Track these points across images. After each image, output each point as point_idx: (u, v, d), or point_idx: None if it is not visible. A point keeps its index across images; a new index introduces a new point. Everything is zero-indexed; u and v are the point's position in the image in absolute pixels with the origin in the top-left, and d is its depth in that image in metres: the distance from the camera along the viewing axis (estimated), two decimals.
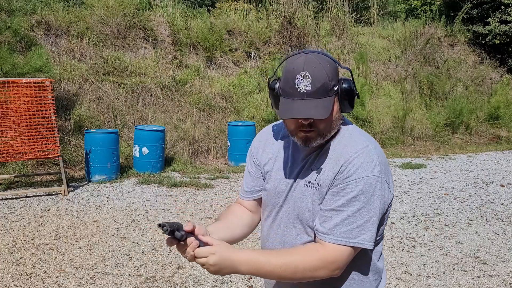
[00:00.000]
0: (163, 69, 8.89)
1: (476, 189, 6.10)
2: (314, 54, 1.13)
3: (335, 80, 1.13)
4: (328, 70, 1.11)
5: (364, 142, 1.18)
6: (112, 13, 8.96)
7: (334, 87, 1.12)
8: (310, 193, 1.20)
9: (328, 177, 1.17)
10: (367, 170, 1.12)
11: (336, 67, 1.15)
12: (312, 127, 1.14)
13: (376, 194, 1.13)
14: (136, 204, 5.19)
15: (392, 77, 11.03)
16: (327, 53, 1.17)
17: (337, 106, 1.16)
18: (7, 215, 4.75)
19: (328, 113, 1.09)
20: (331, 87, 1.11)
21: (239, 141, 7.19)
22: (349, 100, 1.16)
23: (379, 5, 14.43)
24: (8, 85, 5.28)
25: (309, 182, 1.20)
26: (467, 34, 12.81)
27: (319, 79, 1.09)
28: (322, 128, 1.14)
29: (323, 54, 1.15)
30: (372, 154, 1.15)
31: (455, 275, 3.51)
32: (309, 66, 1.10)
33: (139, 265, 3.60)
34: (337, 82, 1.14)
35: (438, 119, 10.01)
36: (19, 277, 3.36)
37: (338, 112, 1.17)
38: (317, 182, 1.18)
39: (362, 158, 1.14)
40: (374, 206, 1.12)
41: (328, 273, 1.11)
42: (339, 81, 1.15)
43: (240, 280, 3.36)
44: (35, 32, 8.26)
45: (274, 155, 1.32)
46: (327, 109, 1.09)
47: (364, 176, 1.12)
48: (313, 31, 11.00)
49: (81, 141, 6.87)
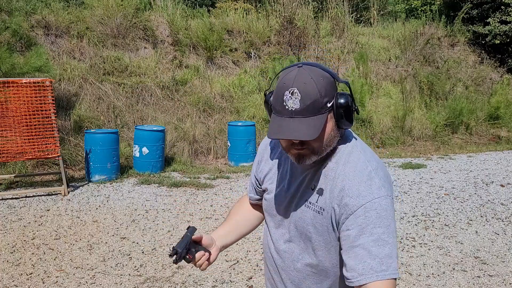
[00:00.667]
0: (163, 69, 8.89)
1: (476, 189, 6.10)
2: (308, 68, 1.06)
3: (329, 96, 1.06)
4: (321, 86, 1.04)
5: (364, 163, 1.12)
6: (112, 13, 8.96)
7: (327, 104, 1.05)
8: (311, 215, 1.17)
9: (330, 202, 1.13)
10: (373, 193, 1.07)
11: (332, 82, 1.08)
12: (304, 145, 1.09)
13: (390, 217, 1.07)
14: (136, 204, 5.19)
15: (392, 77, 11.03)
16: (324, 66, 1.10)
17: (332, 122, 1.09)
18: (7, 215, 4.75)
19: (317, 133, 1.02)
20: (323, 104, 1.04)
21: (239, 141, 7.19)
22: (347, 116, 1.08)
23: (379, 5, 14.43)
24: (8, 85, 5.28)
25: (310, 203, 1.17)
26: (467, 34, 12.82)
27: (309, 96, 1.02)
28: (315, 146, 1.09)
29: (319, 67, 1.08)
30: (373, 176, 1.09)
31: (455, 275, 3.51)
32: (299, 82, 1.03)
33: (139, 265, 3.60)
34: (331, 98, 1.06)
35: (438, 119, 10.01)
36: (19, 277, 3.36)
37: (333, 129, 1.10)
38: (320, 206, 1.15)
39: (364, 183, 1.08)
40: (391, 230, 1.06)
41: None
42: (334, 96, 1.07)
43: (240, 280, 3.37)
44: (35, 32, 8.27)
45: (275, 165, 1.30)
46: (316, 129, 1.03)
47: (372, 200, 1.06)
48: (313, 31, 11.00)
49: (81, 141, 6.88)
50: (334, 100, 1.07)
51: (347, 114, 1.08)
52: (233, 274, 3.47)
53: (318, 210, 1.15)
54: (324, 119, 1.05)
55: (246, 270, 3.55)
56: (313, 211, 1.16)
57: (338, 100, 1.07)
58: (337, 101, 1.07)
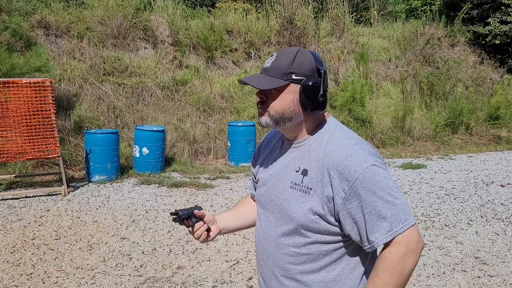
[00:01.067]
0: (163, 69, 8.89)
1: (476, 189, 6.10)
2: (304, 50, 1.20)
3: (299, 71, 1.16)
4: (297, 60, 1.16)
5: (345, 140, 1.18)
6: (112, 13, 8.96)
7: (292, 75, 1.16)
8: (297, 195, 1.20)
9: (318, 180, 1.17)
10: (361, 165, 1.12)
11: (312, 65, 1.17)
12: (264, 105, 1.21)
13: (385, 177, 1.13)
14: (136, 204, 5.19)
15: (392, 77, 11.03)
16: (319, 57, 1.21)
17: (293, 96, 1.17)
18: (7, 215, 4.75)
19: (265, 87, 1.15)
20: (287, 73, 1.15)
21: (239, 141, 7.19)
22: (308, 98, 1.16)
23: (379, 5, 14.43)
24: (8, 85, 5.28)
25: (295, 184, 1.21)
26: (467, 34, 12.82)
27: (279, 62, 1.17)
28: (272, 109, 1.19)
29: (314, 54, 1.20)
30: (356, 149, 1.15)
31: (455, 275, 3.51)
32: (283, 50, 1.19)
33: (139, 265, 3.60)
34: (301, 75, 1.16)
35: (438, 119, 10.01)
36: (19, 277, 3.36)
37: (294, 103, 1.18)
38: (305, 185, 1.19)
39: (350, 157, 1.13)
40: (389, 187, 1.12)
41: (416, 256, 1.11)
42: (307, 76, 1.17)
43: (240, 281, 3.36)
44: (35, 32, 8.27)
45: (267, 157, 1.38)
46: (267, 84, 1.15)
47: (362, 171, 1.11)
48: (313, 31, 11.00)
49: (81, 141, 6.88)
50: (303, 78, 1.16)
51: (309, 96, 1.16)
52: (233, 274, 3.47)
53: (304, 189, 1.19)
54: (281, 83, 1.16)
55: (246, 270, 3.55)
56: (299, 191, 1.20)
57: (306, 80, 1.16)
58: (306, 81, 1.16)
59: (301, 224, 1.20)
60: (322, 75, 1.19)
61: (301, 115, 1.20)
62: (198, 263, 3.66)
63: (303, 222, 1.19)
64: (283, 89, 1.18)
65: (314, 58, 1.19)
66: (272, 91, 1.19)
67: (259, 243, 1.36)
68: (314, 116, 1.23)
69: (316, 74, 1.18)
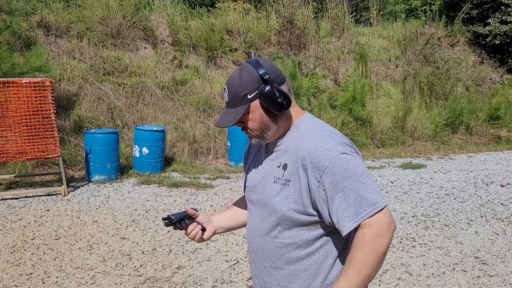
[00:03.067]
0: (163, 69, 8.89)
1: (476, 189, 6.10)
2: (243, 65, 1.28)
3: (250, 89, 1.24)
4: (243, 81, 1.24)
5: (317, 131, 1.26)
6: (112, 13, 8.96)
7: (248, 95, 1.24)
8: (279, 188, 1.27)
9: (295, 172, 1.24)
10: (331, 153, 1.17)
11: (256, 77, 1.24)
12: (246, 130, 1.31)
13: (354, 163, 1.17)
14: (136, 204, 5.19)
15: (392, 77, 11.03)
16: (262, 61, 1.27)
17: (260, 110, 1.26)
18: (7, 215, 4.75)
19: (233, 121, 1.24)
20: (242, 96, 1.24)
21: (239, 141, 7.19)
22: (269, 105, 1.24)
23: (379, 5, 14.43)
24: (8, 85, 5.28)
25: (278, 178, 1.29)
26: (467, 34, 12.82)
27: (231, 90, 1.26)
28: (253, 130, 1.29)
29: (252, 63, 1.26)
30: (326, 139, 1.21)
31: (455, 275, 3.51)
32: (229, 79, 1.29)
33: (139, 265, 3.60)
34: (253, 90, 1.24)
35: (438, 119, 10.01)
36: (19, 277, 3.36)
37: (263, 115, 1.26)
38: (285, 178, 1.27)
39: (320, 147, 1.20)
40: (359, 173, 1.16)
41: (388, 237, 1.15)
42: (258, 89, 1.24)
43: (240, 280, 3.36)
44: (35, 32, 8.26)
45: (255, 157, 1.46)
46: (234, 117, 1.25)
47: (332, 159, 1.16)
48: (313, 31, 10.99)
49: (81, 141, 6.88)
50: (256, 91, 1.24)
51: (270, 102, 1.23)
52: (233, 274, 3.47)
53: (284, 182, 1.27)
54: (244, 108, 1.25)
55: (246, 270, 3.54)
56: (280, 185, 1.28)
57: (263, 90, 1.23)
58: (262, 91, 1.23)
59: (283, 215, 1.26)
60: (267, 78, 1.24)
61: (276, 121, 1.29)
62: (198, 263, 3.66)
63: (285, 213, 1.26)
64: (248, 110, 1.27)
65: (255, 67, 1.26)
66: (244, 116, 1.28)
67: (250, 238, 1.43)
68: (287, 116, 1.32)
69: (262, 82, 1.25)
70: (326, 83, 10.03)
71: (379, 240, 1.14)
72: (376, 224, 1.14)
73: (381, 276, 3.47)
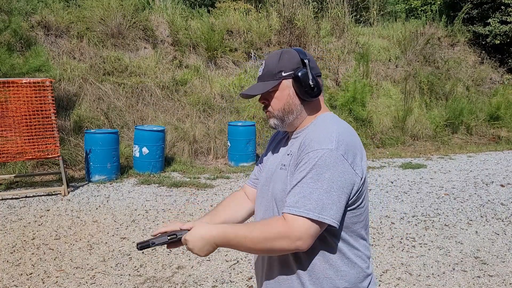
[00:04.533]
0: (163, 69, 8.89)
1: (476, 189, 6.10)
2: (287, 48, 1.33)
3: (286, 68, 1.27)
4: (283, 59, 1.28)
5: (332, 124, 1.25)
6: (112, 13, 8.96)
7: (282, 73, 1.27)
8: (283, 175, 1.28)
9: (295, 158, 1.25)
10: (321, 144, 1.17)
11: (297, 58, 1.28)
12: (267, 108, 1.32)
13: (327, 167, 1.15)
14: (136, 204, 5.19)
15: (392, 77, 11.03)
16: (302, 50, 1.32)
17: (289, 90, 1.28)
18: (7, 215, 4.75)
19: (260, 92, 1.27)
20: (276, 73, 1.27)
21: (239, 141, 7.19)
22: (301, 87, 1.26)
23: (379, 5, 14.43)
24: (8, 85, 5.28)
25: (284, 165, 1.30)
26: (467, 34, 12.81)
27: (267, 66, 1.30)
28: (274, 109, 1.30)
29: (297, 48, 1.32)
30: (331, 132, 1.20)
31: (455, 275, 3.51)
32: (269, 55, 1.32)
33: (139, 265, 3.60)
34: (289, 70, 1.26)
35: (438, 119, 10.01)
36: (19, 277, 3.36)
37: (291, 97, 1.28)
38: (289, 164, 1.29)
39: (319, 134, 1.21)
40: (323, 178, 1.14)
41: (290, 243, 1.13)
42: (294, 70, 1.26)
43: (240, 280, 3.37)
44: (35, 32, 8.26)
45: (274, 148, 1.47)
46: (261, 89, 1.28)
47: (317, 149, 1.17)
48: (313, 31, 10.99)
49: (81, 141, 6.87)
50: (291, 72, 1.27)
51: (300, 86, 1.26)
52: (233, 274, 3.47)
53: (287, 169, 1.29)
54: (274, 84, 1.27)
55: (246, 270, 3.55)
56: (285, 171, 1.29)
57: (294, 73, 1.26)
58: (295, 73, 1.26)
59: (278, 199, 1.28)
60: (307, 64, 1.27)
61: (301, 106, 1.30)
62: (198, 263, 3.66)
63: (277, 196, 1.28)
64: (277, 88, 1.28)
65: (298, 52, 1.29)
66: (271, 94, 1.29)
67: None
68: (312, 108, 1.32)
69: (302, 65, 1.27)
70: (326, 83, 10.03)
71: (280, 239, 1.13)
72: (290, 224, 1.13)
73: (381, 276, 3.47)
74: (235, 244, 1.16)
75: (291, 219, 1.13)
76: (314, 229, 1.13)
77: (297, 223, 1.13)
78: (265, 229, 1.15)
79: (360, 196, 1.24)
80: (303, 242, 1.13)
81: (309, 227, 1.13)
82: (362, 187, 1.24)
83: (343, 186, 1.16)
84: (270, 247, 1.14)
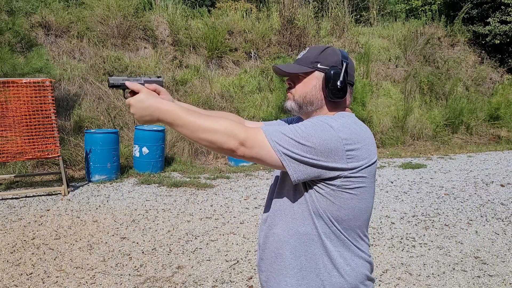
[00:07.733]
0: (163, 69, 8.89)
1: (476, 189, 6.10)
2: (334, 47, 1.37)
3: (324, 62, 1.29)
4: (325, 53, 1.30)
5: (347, 118, 1.23)
6: (112, 13, 8.96)
7: (318, 64, 1.29)
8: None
9: None
10: (324, 119, 1.20)
11: (338, 58, 1.30)
12: (291, 88, 1.34)
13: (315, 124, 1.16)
14: (136, 204, 5.19)
15: (392, 77, 11.03)
16: (346, 54, 1.34)
17: (316, 82, 1.30)
18: (7, 215, 4.75)
19: (291, 70, 1.30)
20: (313, 61, 1.30)
21: None
22: (329, 85, 1.27)
23: (379, 5, 14.43)
24: (8, 85, 5.28)
25: None
26: (467, 34, 12.82)
27: (309, 53, 1.32)
28: (295, 91, 1.32)
29: (343, 51, 1.35)
30: (340, 117, 1.21)
31: (455, 275, 3.51)
32: (314, 46, 1.40)
33: (139, 265, 3.60)
34: (326, 64, 1.29)
35: (438, 119, 10.01)
36: (19, 277, 3.36)
37: (316, 88, 1.30)
38: None
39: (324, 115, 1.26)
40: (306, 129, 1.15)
41: (233, 141, 1.13)
42: (331, 67, 1.28)
43: (240, 280, 3.37)
44: (35, 32, 8.26)
45: None
46: (293, 68, 1.30)
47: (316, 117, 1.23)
48: (314, 31, 11.00)
49: (81, 141, 6.87)
50: (327, 67, 1.29)
51: (329, 84, 1.28)
52: (233, 274, 3.47)
53: None
54: (306, 70, 1.30)
55: (246, 270, 3.55)
56: None
57: (329, 69, 1.28)
58: (328, 69, 1.28)
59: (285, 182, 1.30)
60: (344, 66, 1.29)
61: (322, 102, 1.32)
62: (198, 262, 3.66)
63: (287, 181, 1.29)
64: (308, 75, 1.31)
65: (342, 54, 1.32)
66: (299, 77, 1.32)
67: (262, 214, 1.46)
68: (335, 107, 1.33)
69: (340, 66, 1.29)
70: None
71: (227, 136, 1.11)
72: (253, 133, 1.14)
73: (381, 276, 3.47)
74: (181, 124, 1.15)
75: (258, 131, 1.15)
76: (260, 132, 1.15)
77: (257, 136, 1.14)
78: (219, 120, 1.14)
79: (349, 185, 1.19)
80: (244, 147, 1.14)
81: (256, 132, 1.15)
82: (354, 180, 1.19)
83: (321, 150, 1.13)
84: (213, 137, 1.13)
